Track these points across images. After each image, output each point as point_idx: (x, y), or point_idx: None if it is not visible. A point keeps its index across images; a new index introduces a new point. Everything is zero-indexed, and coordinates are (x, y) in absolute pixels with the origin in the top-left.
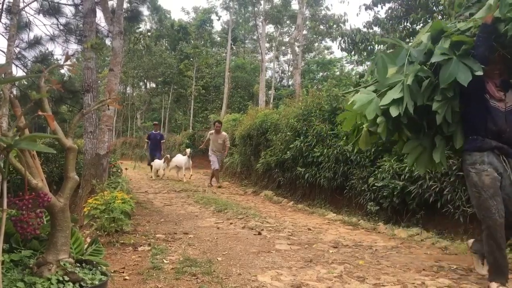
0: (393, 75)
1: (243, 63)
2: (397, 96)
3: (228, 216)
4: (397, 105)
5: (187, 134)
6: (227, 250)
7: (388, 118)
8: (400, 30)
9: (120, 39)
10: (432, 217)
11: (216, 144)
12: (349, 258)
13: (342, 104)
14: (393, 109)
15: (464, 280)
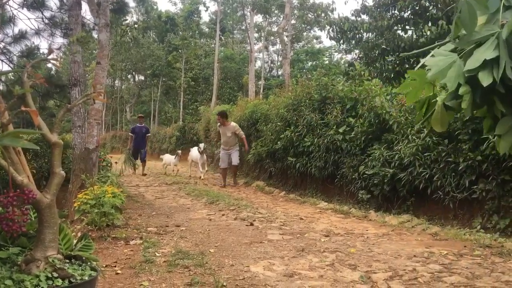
0: (482, 26)
1: (232, 54)
2: (490, 56)
3: (220, 207)
4: (490, 69)
5: (177, 127)
6: (219, 242)
7: (476, 87)
8: (388, 18)
9: (107, 31)
10: (422, 204)
11: (225, 138)
12: (341, 246)
13: (331, 93)
14: (484, 75)
15: (454, 266)
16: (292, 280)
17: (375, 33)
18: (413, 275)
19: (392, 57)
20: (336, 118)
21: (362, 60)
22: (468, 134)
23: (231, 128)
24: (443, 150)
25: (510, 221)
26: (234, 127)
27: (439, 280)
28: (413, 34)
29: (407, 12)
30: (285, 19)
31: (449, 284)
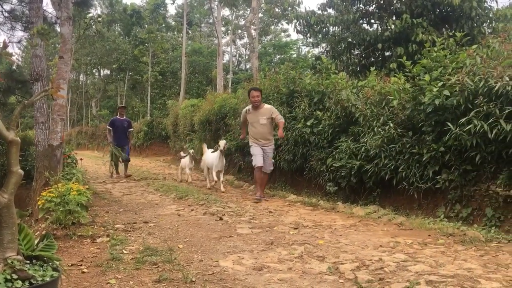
0: None
1: (200, 48)
2: None
3: (189, 202)
4: None
5: (145, 122)
6: (188, 237)
7: None
8: (354, 12)
9: (69, 25)
10: (388, 195)
11: (257, 127)
12: (309, 239)
13: (299, 87)
14: None
15: (419, 254)
16: (261, 273)
17: (341, 27)
18: (379, 265)
19: (358, 50)
20: (304, 111)
21: (329, 53)
22: (431, 126)
23: (266, 112)
24: (408, 141)
25: (472, 210)
26: (271, 110)
27: (404, 269)
28: (378, 27)
29: (372, 6)
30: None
31: (414, 272)
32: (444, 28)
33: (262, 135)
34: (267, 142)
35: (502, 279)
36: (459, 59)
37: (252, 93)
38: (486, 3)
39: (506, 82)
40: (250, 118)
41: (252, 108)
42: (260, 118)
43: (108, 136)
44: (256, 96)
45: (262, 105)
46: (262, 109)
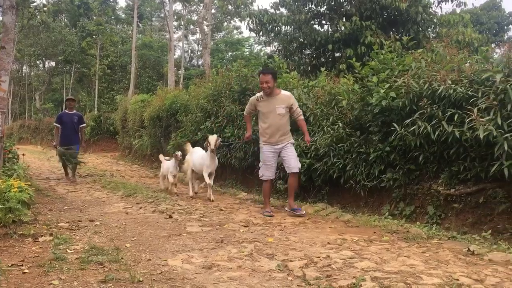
0: None
1: (151, 42)
2: None
3: (138, 200)
4: None
5: (92, 116)
6: (136, 236)
7: None
8: (306, 12)
9: (12, 14)
10: (336, 192)
11: (273, 118)
12: (259, 236)
13: (251, 85)
14: None
15: (365, 251)
16: (211, 272)
17: (293, 27)
18: (327, 262)
19: (309, 50)
20: None
21: (281, 52)
22: (378, 126)
23: (285, 99)
24: (355, 141)
25: (415, 208)
26: (289, 98)
27: (350, 266)
28: (328, 29)
29: (323, 7)
30: (205, 8)
31: (359, 269)
32: (391, 31)
33: (278, 129)
34: (284, 138)
35: (442, 275)
36: (405, 62)
37: (261, 78)
38: (431, 8)
39: (448, 86)
40: (263, 107)
41: (265, 94)
42: (277, 107)
43: (56, 136)
44: (265, 82)
45: (277, 90)
46: (280, 95)
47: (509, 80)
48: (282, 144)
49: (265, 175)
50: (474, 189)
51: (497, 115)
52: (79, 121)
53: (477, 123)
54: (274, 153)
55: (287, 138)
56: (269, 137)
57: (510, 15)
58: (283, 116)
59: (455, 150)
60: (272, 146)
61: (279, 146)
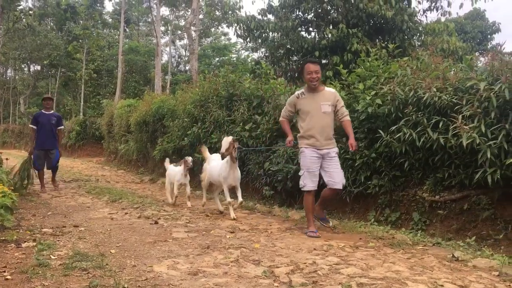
0: None
1: (137, 46)
2: None
3: (123, 206)
4: None
5: (78, 121)
6: (121, 242)
7: None
8: (293, 19)
9: None
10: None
11: (317, 118)
12: (246, 242)
13: (238, 90)
14: None
15: (351, 257)
16: (197, 278)
17: (281, 33)
18: (313, 268)
19: (296, 57)
20: (243, 115)
21: (268, 58)
22: (364, 133)
23: (330, 97)
24: (342, 147)
25: (400, 214)
26: (335, 95)
27: (336, 272)
28: (315, 36)
29: (310, 14)
30: (192, 14)
31: (345, 275)
32: (377, 39)
33: (323, 130)
34: (329, 142)
35: (427, 281)
36: (391, 69)
37: (308, 67)
38: (417, 17)
39: (433, 93)
40: (305, 105)
41: (307, 90)
42: (323, 104)
43: (31, 139)
44: (314, 72)
45: (321, 87)
46: (324, 91)
47: (492, 88)
48: (327, 150)
49: (308, 185)
50: (458, 196)
51: (481, 122)
52: (58, 123)
53: (461, 131)
54: (318, 158)
55: (332, 143)
56: (313, 140)
57: (493, 25)
58: (328, 116)
59: (440, 157)
60: (315, 149)
61: (324, 151)
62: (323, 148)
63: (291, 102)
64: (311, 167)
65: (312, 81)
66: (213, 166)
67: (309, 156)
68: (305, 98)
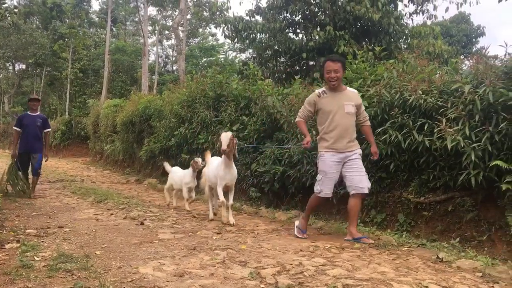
0: None
1: (124, 46)
2: None
3: (109, 206)
4: None
5: (63, 120)
6: (107, 243)
7: None
8: (281, 20)
9: None
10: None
11: (339, 119)
12: (232, 243)
13: (226, 91)
14: None
15: (337, 258)
16: (183, 279)
17: (268, 34)
18: (299, 269)
19: (284, 58)
20: (230, 116)
21: (256, 60)
22: None
23: (352, 97)
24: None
25: (386, 216)
26: (357, 96)
27: (322, 273)
28: (303, 37)
29: (298, 16)
30: (180, 14)
31: (331, 276)
32: (364, 41)
33: (346, 131)
34: (352, 144)
35: (412, 282)
36: (378, 72)
37: (328, 66)
38: (403, 20)
39: (419, 96)
40: (326, 105)
41: (329, 89)
42: (346, 104)
43: (14, 141)
44: (333, 71)
45: (343, 86)
46: (346, 91)
47: (477, 91)
48: (349, 152)
49: (324, 191)
50: (443, 198)
51: (465, 125)
52: (43, 125)
53: (445, 133)
54: (338, 163)
55: (355, 146)
56: (334, 142)
57: (478, 28)
58: (352, 116)
59: (425, 159)
60: (336, 153)
61: (345, 154)
62: (345, 151)
63: (310, 101)
64: (330, 172)
65: (331, 81)
66: (211, 168)
67: (329, 161)
68: (326, 97)
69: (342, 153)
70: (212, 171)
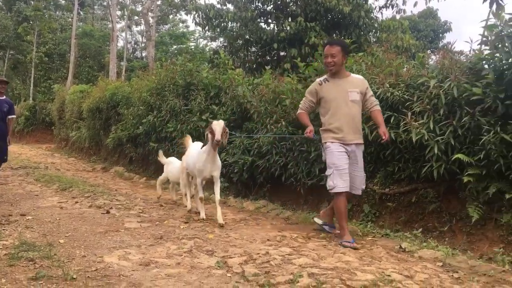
0: None
1: (92, 31)
2: None
3: (74, 194)
4: None
5: (27, 106)
6: (71, 232)
7: None
8: (252, 10)
9: None
10: (277, 190)
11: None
12: (200, 233)
13: (196, 80)
14: None
15: (303, 248)
16: (148, 269)
17: (240, 23)
18: (266, 258)
19: (255, 48)
20: (200, 105)
21: (227, 48)
22: (319, 126)
23: (356, 83)
24: (297, 139)
25: (352, 206)
26: (363, 82)
27: (289, 262)
28: (274, 27)
29: (269, 6)
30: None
31: (297, 265)
32: (334, 33)
33: (352, 121)
34: (357, 136)
35: (375, 271)
36: (347, 64)
37: (325, 50)
38: (373, 13)
39: (386, 89)
40: (329, 93)
41: (330, 76)
42: (350, 91)
43: None
44: (329, 56)
45: (346, 72)
46: (350, 77)
47: (442, 86)
48: (356, 146)
49: (338, 185)
50: (407, 189)
51: (430, 119)
52: (9, 111)
53: (411, 126)
54: (346, 153)
55: (361, 138)
56: (339, 133)
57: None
58: (357, 104)
59: (390, 151)
60: (343, 145)
61: (351, 148)
62: (352, 143)
63: (312, 91)
64: (341, 164)
65: (328, 66)
66: (191, 155)
67: (336, 151)
68: (328, 85)
69: (349, 145)
70: (191, 158)
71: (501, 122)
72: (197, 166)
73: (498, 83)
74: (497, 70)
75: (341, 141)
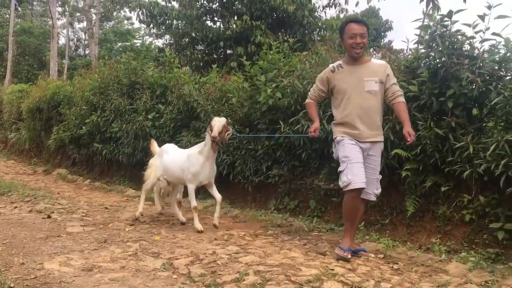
0: None
1: (31, 27)
2: None
3: (12, 199)
4: None
5: None
6: (9, 238)
7: None
8: (198, 7)
9: None
10: (225, 188)
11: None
12: (146, 235)
13: (141, 78)
14: None
15: (250, 246)
16: (91, 274)
17: (185, 21)
18: (212, 258)
19: (201, 46)
20: (146, 104)
21: (173, 46)
22: (266, 124)
23: (376, 70)
24: (244, 138)
25: (299, 202)
26: (385, 67)
27: (235, 261)
28: (220, 26)
29: (215, 4)
30: None
31: (244, 264)
32: (280, 32)
33: (367, 115)
34: (375, 133)
35: (320, 265)
36: (292, 63)
37: (350, 28)
38: (317, 13)
39: None
40: (342, 81)
41: (346, 62)
42: (367, 81)
43: None
44: (359, 36)
45: (366, 57)
46: (370, 63)
47: None
48: (372, 144)
49: (354, 181)
50: None
51: None
52: None
53: None
54: (359, 149)
55: (379, 136)
56: (352, 129)
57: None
58: (374, 96)
59: None
60: (356, 140)
61: (366, 146)
62: (367, 141)
63: (322, 79)
64: (355, 156)
65: (355, 48)
66: (170, 158)
67: (349, 144)
68: (342, 72)
69: (363, 143)
70: (176, 163)
71: (436, 118)
72: (192, 170)
73: (432, 81)
74: (432, 68)
75: (352, 134)
